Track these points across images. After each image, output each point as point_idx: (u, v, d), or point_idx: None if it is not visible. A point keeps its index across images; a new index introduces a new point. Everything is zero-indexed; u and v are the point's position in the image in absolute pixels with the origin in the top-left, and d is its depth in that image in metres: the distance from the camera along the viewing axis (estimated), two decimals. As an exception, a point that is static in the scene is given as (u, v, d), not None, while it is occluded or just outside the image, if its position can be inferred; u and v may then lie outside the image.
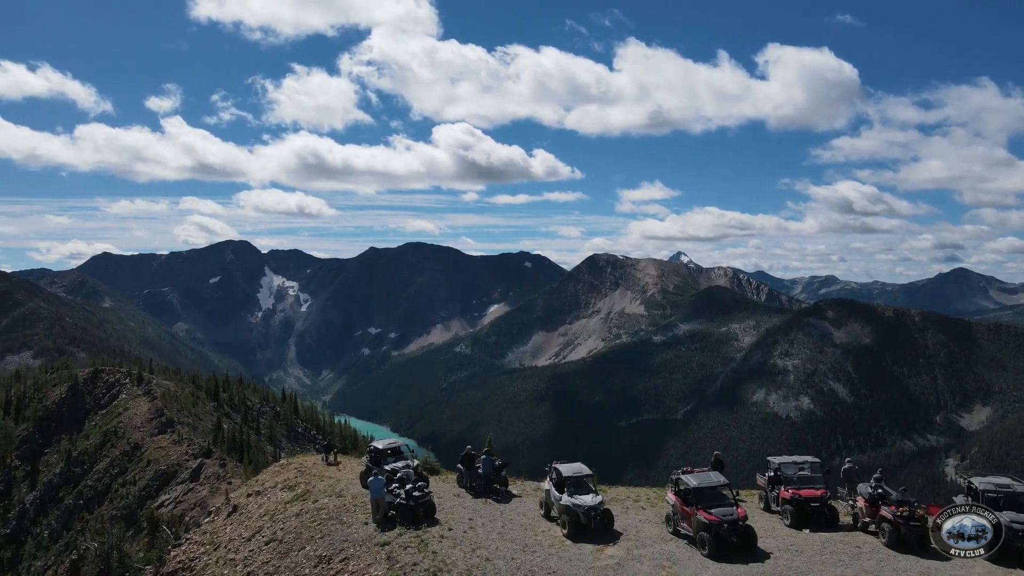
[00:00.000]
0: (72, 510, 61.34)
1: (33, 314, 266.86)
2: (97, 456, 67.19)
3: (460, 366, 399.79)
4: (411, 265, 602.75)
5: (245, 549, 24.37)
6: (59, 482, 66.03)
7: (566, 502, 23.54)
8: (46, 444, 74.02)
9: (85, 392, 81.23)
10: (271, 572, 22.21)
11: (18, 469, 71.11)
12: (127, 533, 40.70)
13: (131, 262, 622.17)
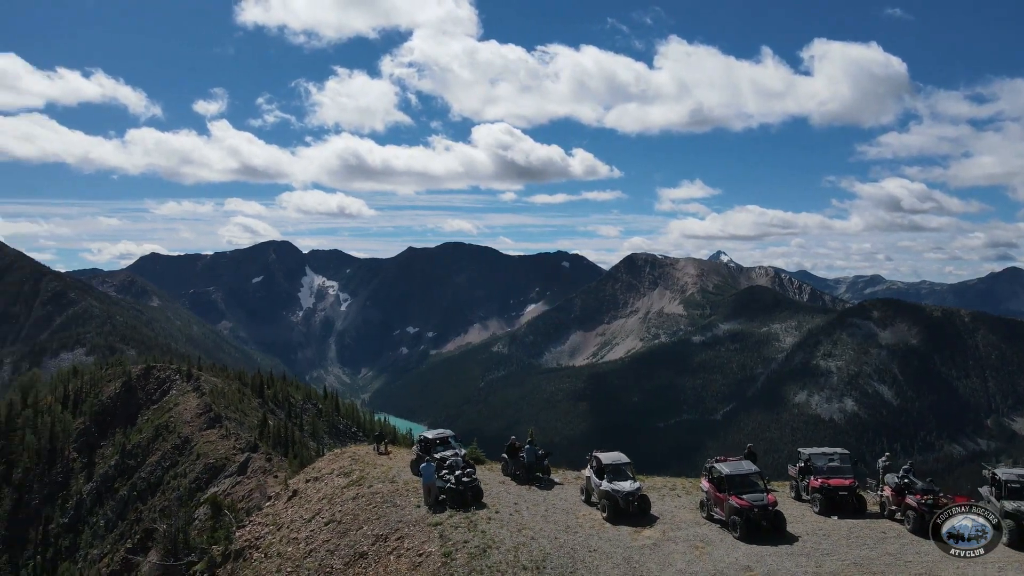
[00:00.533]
0: (127, 501, 63.61)
1: (86, 313, 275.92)
2: (150, 449, 69.48)
3: (497, 365, 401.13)
4: (449, 265, 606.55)
5: (306, 529, 26.03)
6: (114, 474, 68.50)
7: (605, 487, 24.76)
8: (101, 437, 76.80)
9: (138, 388, 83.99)
10: (332, 549, 23.77)
11: (76, 461, 73.98)
12: (193, 515, 42.82)
13: (177, 262, 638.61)
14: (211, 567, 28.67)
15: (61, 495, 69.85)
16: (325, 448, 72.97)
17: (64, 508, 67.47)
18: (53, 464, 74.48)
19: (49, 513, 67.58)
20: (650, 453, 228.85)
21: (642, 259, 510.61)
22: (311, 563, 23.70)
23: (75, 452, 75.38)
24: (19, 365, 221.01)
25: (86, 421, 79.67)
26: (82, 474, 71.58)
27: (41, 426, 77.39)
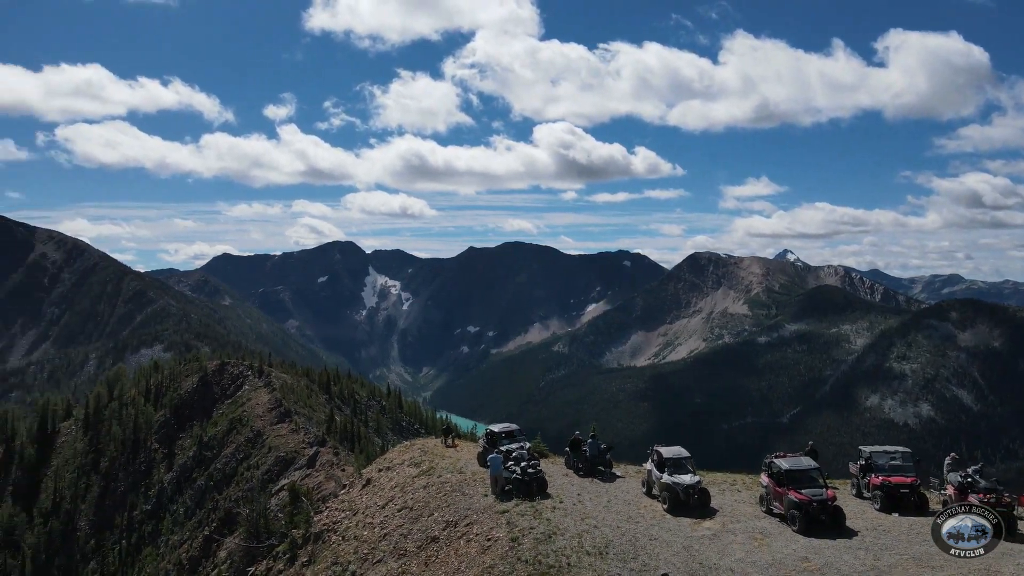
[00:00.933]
0: (204, 490, 66.56)
1: (164, 311, 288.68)
2: (224, 442, 72.45)
3: (558, 365, 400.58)
4: (509, 264, 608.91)
5: (380, 515, 27.53)
6: (192, 464, 71.76)
7: (666, 480, 25.41)
8: (180, 429, 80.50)
9: (213, 383, 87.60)
10: (405, 533, 25.09)
11: (157, 451, 77.78)
12: (271, 501, 45.03)
13: (248, 262, 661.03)
14: (293, 548, 30.51)
15: (144, 483, 73.55)
16: (389, 444, 74.64)
17: (147, 496, 71.06)
18: (137, 454, 78.48)
19: (133, 500, 71.29)
20: (714, 455, 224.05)
21: (705, 258, 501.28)
22: (386, 546, 25.05)
23: (156, 443, 79.23)
24: (103, 360, 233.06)
25: (166, 414, 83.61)
26: (163, 464, 75.17)
27: (126, 418, 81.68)
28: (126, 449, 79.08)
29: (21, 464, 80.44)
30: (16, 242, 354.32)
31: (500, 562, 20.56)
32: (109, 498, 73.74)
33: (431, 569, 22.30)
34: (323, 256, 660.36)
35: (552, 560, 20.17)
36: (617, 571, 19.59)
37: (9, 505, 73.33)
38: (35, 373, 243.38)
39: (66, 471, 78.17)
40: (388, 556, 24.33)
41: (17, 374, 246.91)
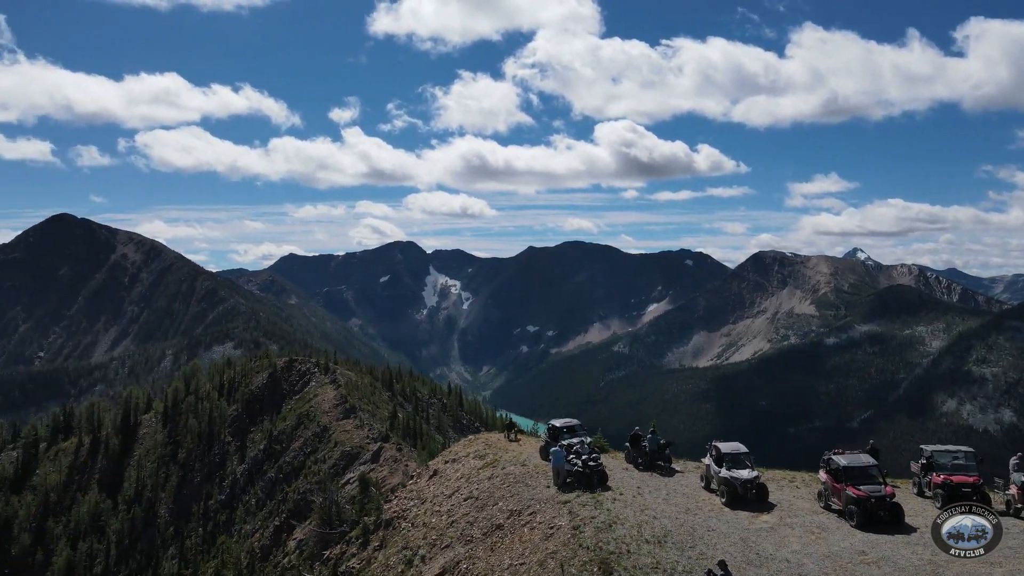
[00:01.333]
0: (274, 482, 69.07)
1: (234, 309, 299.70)
2: (293, 436, 74.96)
3: (618, 365, 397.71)
4: (569, 264, 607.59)
5: (447, 503, 28.75)
6: (263, 457, 74.52)
7: (724, 475, 25.82)
8: (252, 423, 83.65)
9: (282, 379, 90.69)
10: (471, 521, 26.22)
11: (230, 444, 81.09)
12: (340, 490, 46.88)
13: (313, 262, 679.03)
14: (365, 534, 32.42)
15: (219, 474, 76.79)
16: (450, 441, 75.87)
17: (221, 486, 74.17)
18: (212, 446, 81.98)
19: (209, 490, 74.54)
20: (780, 458, 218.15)
21: (770, 257, 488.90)
22: (453, 532, 26.26)
23: (230, 436, 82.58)
24: (179, 356, 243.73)
25: (238, 408, 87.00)
26: (236, 456, 78.29)
27: (201, 411, 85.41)
28: (202, 441, 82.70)
29: (107, 454, 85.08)
30: (99, 244, 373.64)
31: (562, 548, 21.27)
32: (186, 487, 77.29)
33: (496, 554, 23.16)
34: (385, 256, 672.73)
35: (612, 547, 20.81)
36: (675, 558, 20.11)
37: (96, 492, 77.68)
38: (117, 368, 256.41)
39: (147, 461, 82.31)
40: (455, 542, 25.49)
41: (100, 369, 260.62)
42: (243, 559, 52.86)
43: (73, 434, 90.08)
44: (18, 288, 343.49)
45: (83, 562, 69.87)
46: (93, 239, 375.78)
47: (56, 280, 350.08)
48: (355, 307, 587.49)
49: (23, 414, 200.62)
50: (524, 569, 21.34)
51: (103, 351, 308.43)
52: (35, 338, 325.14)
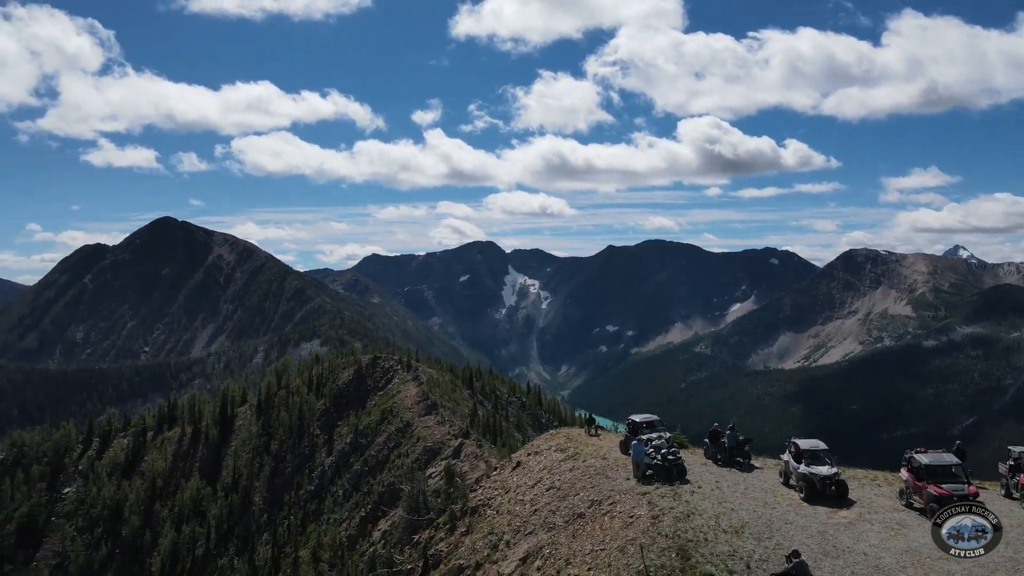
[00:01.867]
0: (360, 475, 71.56)
1: (320, 308, 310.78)
2: (377, 431, 77.42)
3: (700, 366, 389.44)
4: (650, 263, 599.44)
5: (531, 493, 29.82)
6: (349, 450, 77.28)
7: (803, 470, 25.82)
8: (339, 417, 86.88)
9: (367, 375, 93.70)
10: (554, 510, 27.20)
11: (319, 437, 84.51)
12: (426, 481, 48.62)
13: (394, 262, 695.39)
14: (452, 520, 34.15)
15: (308, 465, 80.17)
16: (530, 439, 76.51)
17: (311, 477, 77.41)
18: (302, 438, 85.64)
19: (299, 480, 77.94)
20: (873, 465, 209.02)
21: (862, 255, 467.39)
22: (536, 520, 27.29)
23: (318, 429, 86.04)
24: (269, 353, 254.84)
25: (326, 403, 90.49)
26: (324, 448, 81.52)
27: (292, 405, 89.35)
28: (292, 434, 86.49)
29: (206, 443, 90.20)
30: (198, 245, 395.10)
31: (642, 536, 21.92)
32: (278, 477, 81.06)
33: (578, 541, 23.97)
34: (464, 256, 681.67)
35: (691, 536, 21.35)
36: (752, 547, 20.48)
37: (197, 479, 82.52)
38: (213, 363, 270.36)
39: (243, 451, 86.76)
40: (538, 528, 26.46)
41: (199, 364, 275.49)
42: (338, 543, 55.34)
43: (176, 424, 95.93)
44: (126, 287, 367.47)
45: (186, 544, 74.40)
46: (192, 241, 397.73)
47: (159, 280, 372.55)
48: (435, 306, 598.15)
49: (130, 405, 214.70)
50: (604, 554, 22.10)
51: (201, 347, 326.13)
52: (141, 334, 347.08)
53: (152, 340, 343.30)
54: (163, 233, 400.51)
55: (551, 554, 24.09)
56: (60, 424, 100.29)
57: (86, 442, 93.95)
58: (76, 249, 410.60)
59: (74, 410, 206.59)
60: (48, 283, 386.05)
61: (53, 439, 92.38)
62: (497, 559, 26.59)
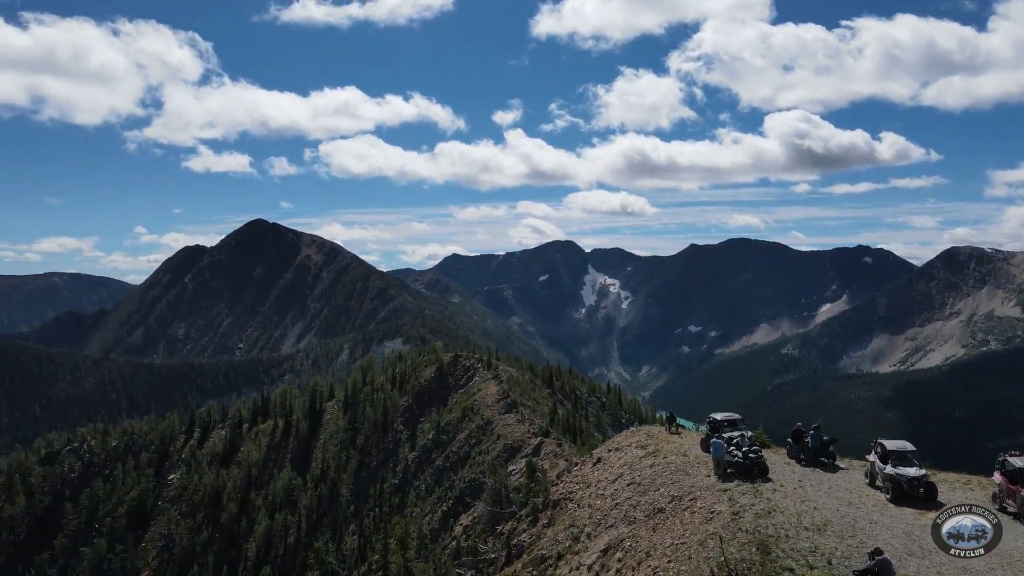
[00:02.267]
0: (442, 470, 73.11)
1: (402, 307, 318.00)
2: (458, 428, 78.83)
3: (787, 368, 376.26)
4: (733, 262, 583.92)
5: (611, 488, 30.31)
6: (431, 446, 79.03)
7: (889, 471, 25.13)
8: (421, 414, 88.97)
9: (448, 373, 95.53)
10: (634, 504, 27.59)
11: (402, 432, 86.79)
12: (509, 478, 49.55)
13: (474, 262, 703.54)
14: (534, 512, 34.81)
15: (392, 460, 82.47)
16: (610, 439, 76.14)
17: (394, 471, 79.62)
18: (386, 433, 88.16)
19: (384, 474, 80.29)
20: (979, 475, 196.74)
21: (965, 253, 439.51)
22: (617, 513, 27.68)
23: (401, 425, 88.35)
24: (354, 350, 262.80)
25: (409, 399, 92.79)
26: (407, 444, 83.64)
27: (376, 401, 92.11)
28: (377, 429, 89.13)
29: (297, 436, 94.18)
30: (287, 246, 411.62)
31: (722, 530, 21.97)
32: (364, 471, 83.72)
33: (658, 534, 24.33)
34: (544, 255, 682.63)
35: (771, 532, 21.27)
36: (834, 545, 20.22)
37: (288, 470, 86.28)
38: (302, 360, 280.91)
39: (331, 444, 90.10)
40: (619, 522, 26.84)
41: (289, 360, 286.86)
42: (423, 533, 56.97)
43: (269, 417, 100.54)
44: (222, 287, 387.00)
45: (279, 531, 77.93)
46: (282, 242, 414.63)
47: (252, 279, 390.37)
48: (515, 305, 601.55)
49: (226, 398, 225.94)
50: (685, 547, 22.35)
51: (290, 344, 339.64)
52: (236, 331, 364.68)
53: (246, 337, 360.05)
54: (256, 234, 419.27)
55: (632, 546, 24.46)
56: (165, 415, 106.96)
57: (188, 432, 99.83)
58: (178, 251, 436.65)
59: (176, 402, 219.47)
60: (153, 283, 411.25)
61: (159, 429, 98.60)
62: (578, 550, 27.13)
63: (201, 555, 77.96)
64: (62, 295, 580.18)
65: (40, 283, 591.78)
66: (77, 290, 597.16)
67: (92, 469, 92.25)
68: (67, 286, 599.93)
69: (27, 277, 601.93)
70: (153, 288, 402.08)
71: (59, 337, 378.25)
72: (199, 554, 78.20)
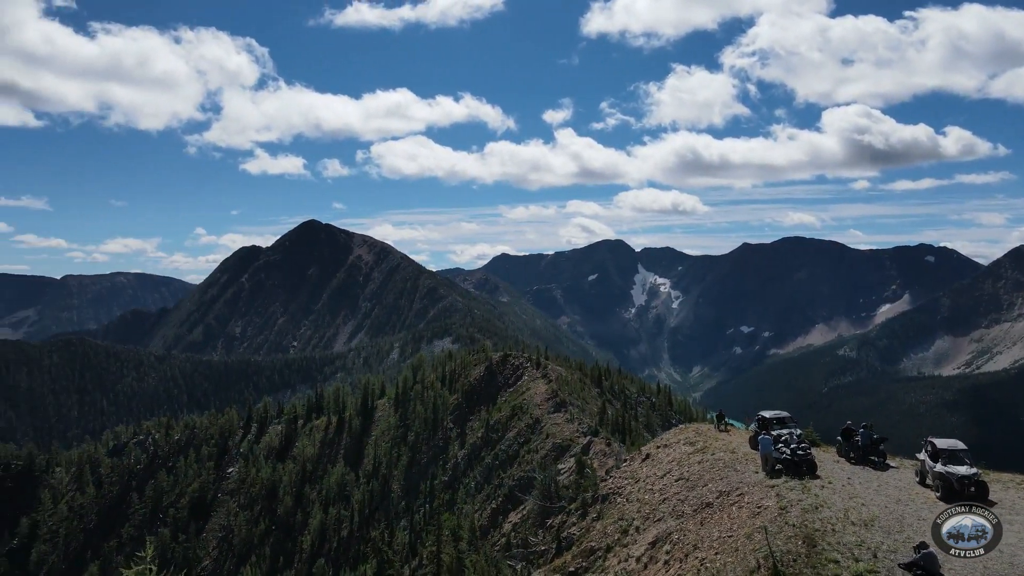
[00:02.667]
0: (491, 468, 73.71)
1: (451, 307, 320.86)
2: (508, 426, 79.31)
3: (844, 370, 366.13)
4: (788, 261, 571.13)
5: (660, 483, 30.87)
6: (481, 444, 79.76)
7: (939, 469, 24.77)
8: (470, 412, 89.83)
9: (497, 372, 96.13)
10: (682, 499, 28.12)
11: (451, 430, 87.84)
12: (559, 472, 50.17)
13: (523, 262, 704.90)
14: (583, 506, 35.60)
15: (442, 457, 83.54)
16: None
17: (444, 468, 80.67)
18: (436, 431, 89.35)
19: (434, 471, 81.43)
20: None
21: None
22: (665, 508, 28.22)
23: (451, 423, 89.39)
24: (404, 349, 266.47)
25: (459, 398, 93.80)
26: (457, 441, 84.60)
27: (427, 399, 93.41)
28: (427, 426, 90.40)
29: (350, 432, 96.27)
30: (339, 246, 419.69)
31: (769, 524, 22.17)
32: (415, 467, 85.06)
33: (705, 528, 24.75)
34: (593, 255, 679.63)
35: (818, 526, 21.44)
36: (880, 539, 20.31)
37: (341, 465, 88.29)
38: (353, 358, 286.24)
39: (382, 441, 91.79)
40: (667, 516, 27.38)
41: (341, 358, 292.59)
42: (475, 526, 57.81)
43: (323, 414, 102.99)
44: (277, 286, 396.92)
45: (333, 525, 79.84)
46: (335, 242, 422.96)
47: (306, 279, 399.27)
48: (564, 305, 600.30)
49: (281, 395, 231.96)
50: (732, 540, 22.72)
51: (342, 342, 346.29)
52: (290, 329, 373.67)
53: (299, 335, 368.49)
54: (309, 235, 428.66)
55: (679, 539, 25.05)
56: (224, 410, 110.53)
57: (246, 427, 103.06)
58: (235, 251, 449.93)
59: (234, 398, 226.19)
60: (211, 282, 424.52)
61: (219, 423, 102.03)
62: (627, 543, 27.76)
63: (259, 546, 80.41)
64: (127, 294, 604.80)
65: (107, 283, 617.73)
66: (141, 289, 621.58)
67: (156, 461, 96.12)
68: (132, 285, 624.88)
69: (95, 277, 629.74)
70: (211, 287, 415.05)
71: (125, 334, 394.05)
72: (256, 545, 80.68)
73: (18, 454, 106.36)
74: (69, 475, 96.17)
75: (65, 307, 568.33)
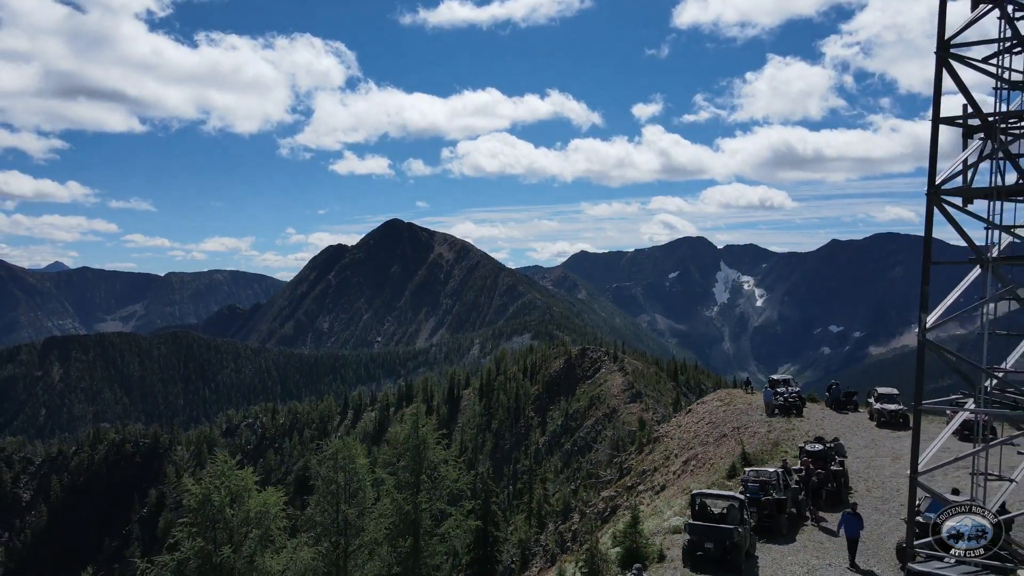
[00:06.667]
0: (570, 454, 77.81)
1: (530, 303, 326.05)
2: (585, 415, 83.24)
3: (944, 373, 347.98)
4: (881, 258, 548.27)
5: (695, 428, 41.43)
6: (560, 432, 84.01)
7: (877, 407, 35.29)
8: (550, 402, 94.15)
9: (576, 365, 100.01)
10: (707, 434, 38.57)
11: (532, 419, 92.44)
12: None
13: (603, 259, 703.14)
14: (640, 447, 47.34)
15: (524, 444, 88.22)
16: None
17: (526, 453, 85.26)
18: (518, 419, 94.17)
19: (517, 456, 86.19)
20: None
21: None
22: (695, 441, 39.05)
23: (532, 412, 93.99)
24: (484, 345, 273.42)
25: (539, 388, 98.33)
26: (538, 429, 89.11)
27: (509, 389, 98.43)
28: (510, 415, 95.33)
29: (438, 418, 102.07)
30: (421, 244, 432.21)
31: (756, 441, 33.52)
32: (499, 452, 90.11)
33: (719, 448, 35.02)
34: (674, 252, 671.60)
35: (784, 437, 32.99)
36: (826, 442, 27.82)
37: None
38: (435, 354, 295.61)
39: (468, 428, 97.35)
40: (696, 445, 38.15)
41: (423, 353, 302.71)
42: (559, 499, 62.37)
43: (412, 401, 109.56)
44: (362, 283, 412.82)
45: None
46: (416, 240, 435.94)
47: (389, 276, 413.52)
48: (644, 303, 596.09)
49: (367, 387, 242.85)
50: (731, 451, 32.96)
51: (424, 338, 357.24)
52: (374, 325, 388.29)
53: (383, 331, 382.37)
54: (392, 234, 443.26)
55: (701, 456, 35.75)
56: (322, 398, 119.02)
57: (343, 413, 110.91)
58: (322, 249, 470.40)
59: (323, 389, 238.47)
60: (301, 279, 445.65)
61: (319, 409, 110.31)
62: (668, 465, 38.42)
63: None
64: (223, 290, 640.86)
65: (205, 280, 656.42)
66: (236, 286, 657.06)
67: (264, 442, 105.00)
68: (227, 282, 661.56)
69: (195, 274, 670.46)
70: (301, 284, 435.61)
71: (221, 328, 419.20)
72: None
73: (145, 433, 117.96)
74: (189, 452, 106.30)
75: (168, 302, 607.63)
